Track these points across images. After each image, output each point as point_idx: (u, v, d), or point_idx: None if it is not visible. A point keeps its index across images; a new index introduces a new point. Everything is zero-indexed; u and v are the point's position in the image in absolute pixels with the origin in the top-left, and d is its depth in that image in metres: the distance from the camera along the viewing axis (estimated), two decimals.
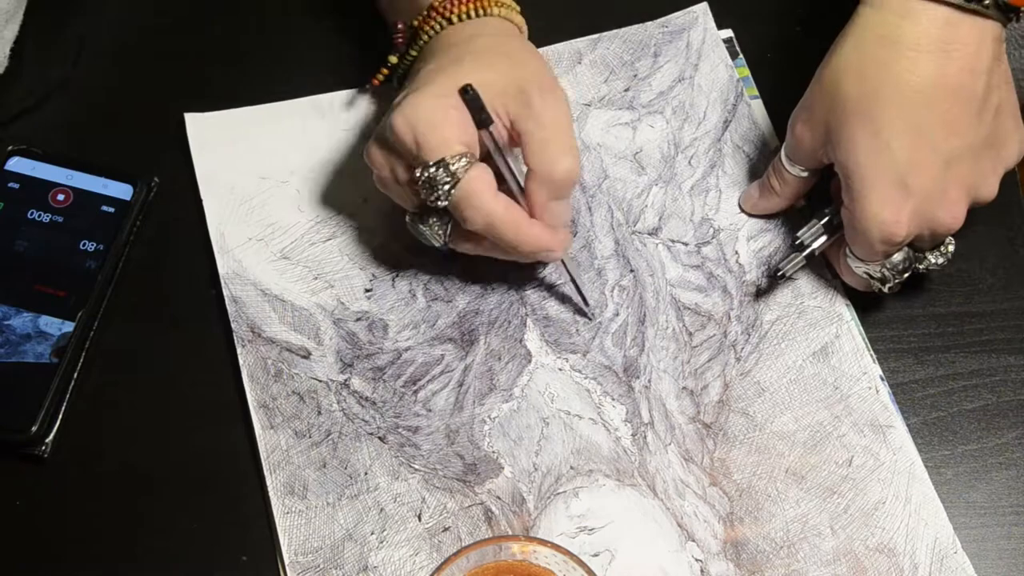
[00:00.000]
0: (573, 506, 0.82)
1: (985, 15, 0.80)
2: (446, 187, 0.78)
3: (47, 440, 0.83)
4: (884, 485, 0.82)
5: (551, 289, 0.88)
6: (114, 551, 0.81)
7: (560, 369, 0.86)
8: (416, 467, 0.83)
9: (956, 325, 0.89)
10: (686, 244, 0.90)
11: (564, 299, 0.88)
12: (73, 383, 0.85)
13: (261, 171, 0.92)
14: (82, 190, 0.89)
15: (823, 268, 0.89)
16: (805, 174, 0.87)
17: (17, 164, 0.90)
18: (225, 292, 0.88)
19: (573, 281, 0.87)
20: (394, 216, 0.90)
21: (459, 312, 0.88)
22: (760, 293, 0.88)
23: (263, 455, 0.83)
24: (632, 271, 0.89)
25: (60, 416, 0.84)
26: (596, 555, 0.80)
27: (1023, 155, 0.84)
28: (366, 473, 0.83)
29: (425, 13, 0.85)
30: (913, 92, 0.80)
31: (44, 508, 0.82)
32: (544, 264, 0.89)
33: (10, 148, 0.90)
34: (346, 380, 0.85)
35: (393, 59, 0.89)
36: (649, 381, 0.86)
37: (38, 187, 0.89)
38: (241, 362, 0.86)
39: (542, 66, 0.84)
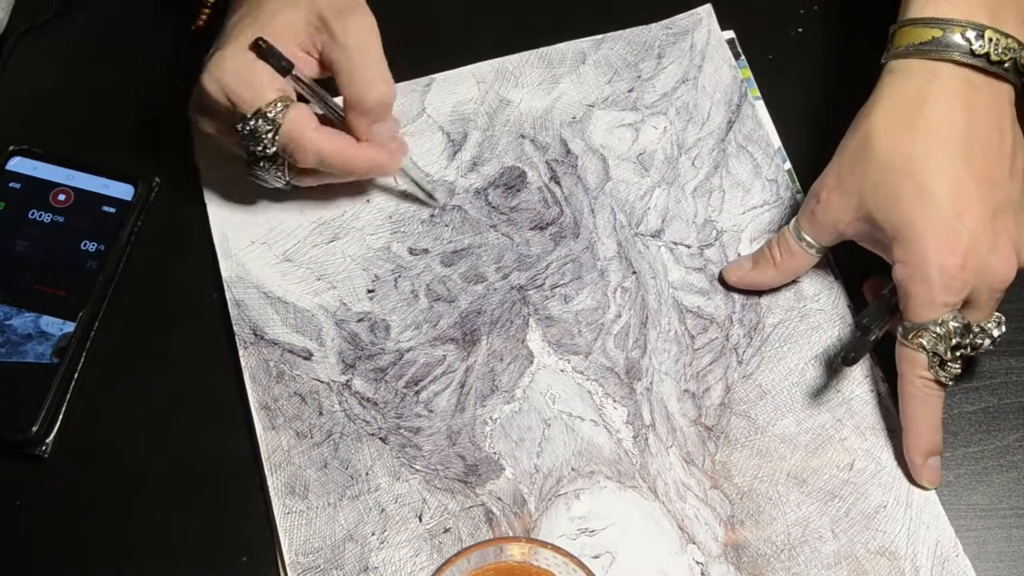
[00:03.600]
0: (574, 508, 0.82)
1: (1004, 78, 0.81)
2: (269, 135, 0.81)
3: (47, 440, 0.83)
4: (885, 489, 0.82)
5: (554, 289, 0.88)
6: (114, 551, 0.81)
7: (562, 370, 0.86)
8: (417, 468, 0.83)
9: None
10: (689, 246, 0.90)
11: (567, 299, 0.88)
12: (73, 383, 0.85)
13: None
14: (83, 190, 0.89)
15: (826, 270, 0.89)
16: (814, 249, 0.86)
17: (18, 164, 0.90)
18: (228, 296, 0.88)
19: (415, 183, 0.90)
20: (397, 217, 0.90)
21: (461, 312, 0.88)
22: (837, 368, 0.87)
23: (264, 456, 0.83)
24: (634, 273, 0.89)
25: (60, 416, 0.84)
26: (597, 557, 0.80)
27: None
28: (367, 474, 0.83)
29: None
30: (949, 147, 0.79)
31: (44, 508, 0.83)
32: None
33: (11, 148, 0.90)
34: (348, 381, 0.85)
35: None
36: (651, 383, 0.85)
37: (39, 187, 0.89)
38: (243, 364, 0.86)
39: None
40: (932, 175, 0.79)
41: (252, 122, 0.81)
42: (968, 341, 0.80)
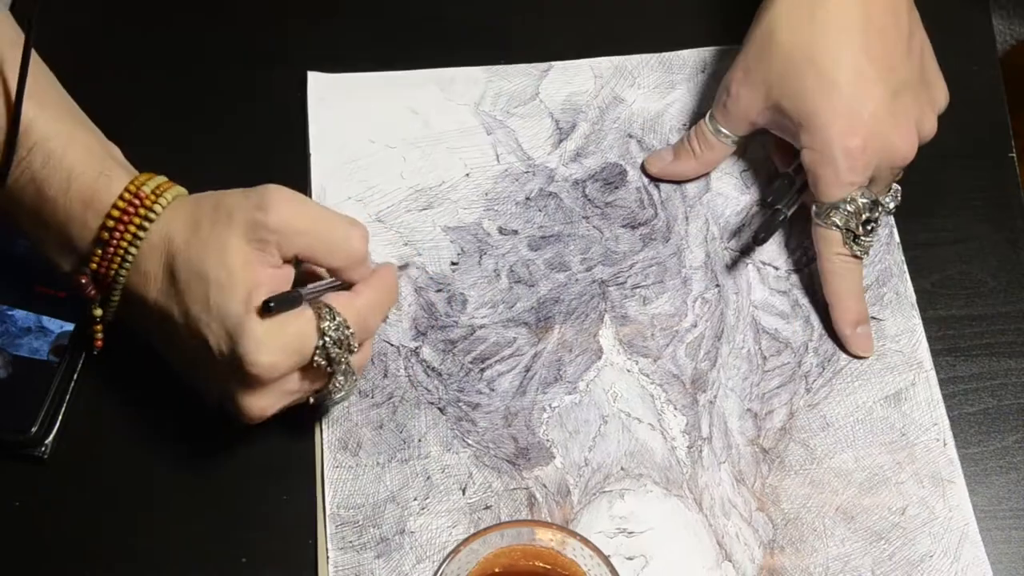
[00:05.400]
0: (616, 507, 0.82)
1: None
2: (347, 331, 0.75)
3: (47, 440, 0.82)
4: (935, 539, 0.81)
5: (635, 289, 0.88)
6: (114, 551, 0.80)
7: (628, 370, 0.86)
8: (469, 442, 0.83)
9: (957, 328, 0.88)
10: (776, 268, 0.89)
11: (646, 301, 0.88)
12: (73, 383, 0.83)
13: (371, 135, 0.93)
14: None
15: (911, 312, 0.87)
16: (730, 140, 0.91)
17: None
18: None
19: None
20: (493, 195, 0.91)
21: (539, 298, 0.88)
22: (744, 252, 0.90)
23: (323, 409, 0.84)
24: (718, 286, 0.89)
25: (60, 416, 0.83)
26: (631, 559, 0.80)
27: (947, 101, 0.89)
28: (420, 440, 0.83)
29: (99, 254, 0.76)
30: (846, 34, 0.84)
31: (44, 508, 0.81)
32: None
33: None
34: (417, 348, 0.86)
35: (98, 311, 0.79)
36: (715, 397, 0.85)
37: None
38: None
39: (238, 197, 0.76)
40: (833, 63, 0.84)
41: (323, 341, 0.74)
42: (876, 215, 0.85)
